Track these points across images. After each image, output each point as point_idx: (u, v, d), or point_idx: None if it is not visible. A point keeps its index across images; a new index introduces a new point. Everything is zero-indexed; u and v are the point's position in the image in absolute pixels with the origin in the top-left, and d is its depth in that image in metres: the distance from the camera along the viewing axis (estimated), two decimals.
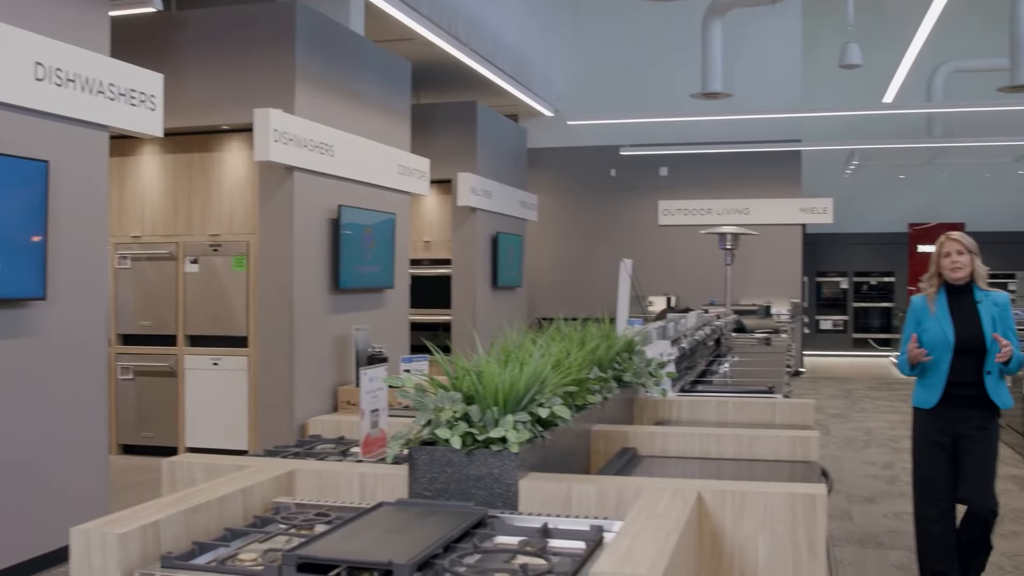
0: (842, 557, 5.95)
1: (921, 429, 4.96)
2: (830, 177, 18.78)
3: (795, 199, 16.07)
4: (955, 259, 4.74)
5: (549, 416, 2.78)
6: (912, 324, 4.88)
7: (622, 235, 16.20)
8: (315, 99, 7.40)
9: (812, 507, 2.55)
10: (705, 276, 15.33)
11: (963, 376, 4.70)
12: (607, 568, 1.94)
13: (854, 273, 20.30)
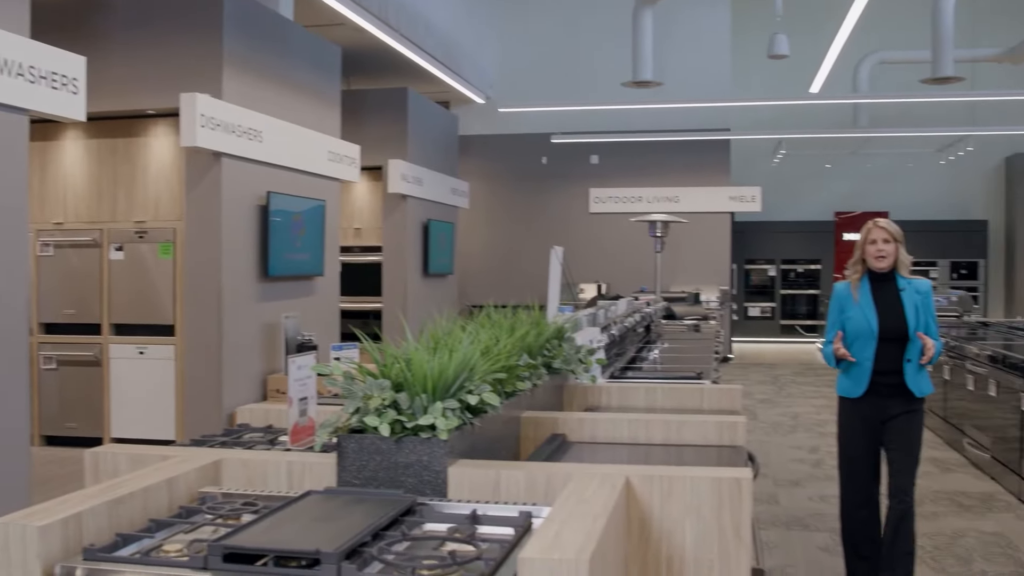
0: (768, 540, 6.05)
1: (847, 418, 4.98)
2: (758, 166, 19.04)
3: (724, 187, 16.25)
4: (881, 247, 4.75)
5: (478, 403, 2.78)
6: (836, 311, 4.89)
7: (553, 222, 16.25)
8: (243, 84, 7.30)
9: (738, 491, 2.58)
10: (635, 263, 15.44)
11: (887, 364, 4.73)
12: (535, 553, 1.95)
13: (781, 261, 20.59)
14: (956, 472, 7.89)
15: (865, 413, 4.84)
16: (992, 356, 7.85)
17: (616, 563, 2.38)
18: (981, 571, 5.45)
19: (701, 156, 16.09)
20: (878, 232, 4.78)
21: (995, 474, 7.63)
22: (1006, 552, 5.81)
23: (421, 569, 2.04)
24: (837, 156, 19.32)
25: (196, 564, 2.08)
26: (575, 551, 1.96)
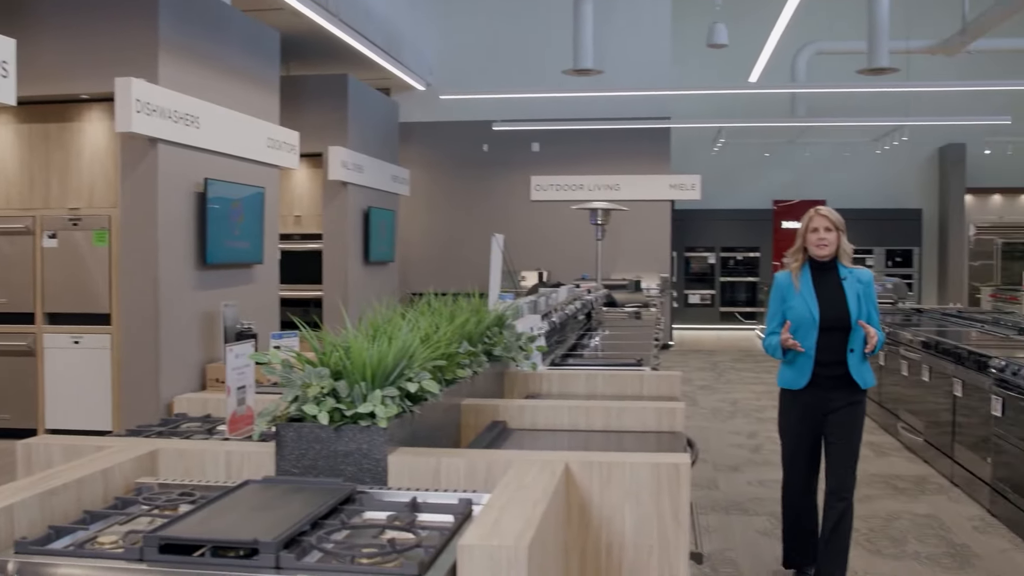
0: (708, 524, 6.11)
1: (789, 410, 4.87)
2: (698, 154, 19.21)
3: (664, 175, 16.35)
4: (822, 236, 4.67)
5: (418, 391, 2.77)
6: (777, 301, 4.80)
7: (494, 210, 16.25)
8: (180, 69, 7.19)
9: (676, 476, 2.60)
10: (577, 251, 15.50)
11: (829, 355, 4.64)
12: (474, 540, 1.95)
13: (721, 248, 20.80)
14: (891, 456, 8.03)
15: (807, 405, 4.73)
16: (925, 342, 8.00)
17: (556, 549, 2.39)
18: (915, 552, 5.56)
19: (641, 144, 16.18)
20: (819, 220, 4.71)
21: (928, 457, 7.78)
22: (938, 533, 5.93)
23: (360, 558, 2.03)
24: (775, 145, 19.55)
25: (131, 556, 2.05)
26: (514, 537, 1.96)
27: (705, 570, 5.24)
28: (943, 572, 5.22)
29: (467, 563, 1.93)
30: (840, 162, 19.75)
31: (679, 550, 2.62)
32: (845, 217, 4.87)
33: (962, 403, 7.01)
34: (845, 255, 4.74)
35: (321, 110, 11.33)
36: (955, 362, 7.16)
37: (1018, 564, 5.37)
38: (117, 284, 7.19)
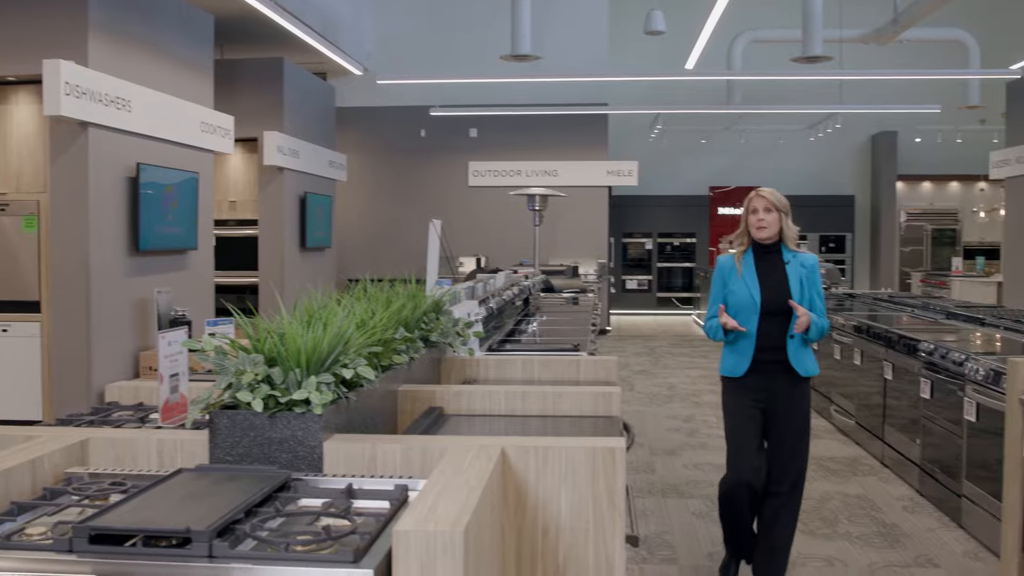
0: (645, 507, 6.17)
1: (731, 398, 4.67)
2: (635, 141, 19.32)
3: (602, 162, 16.42)
4: (762, 217, 4.52)
5: (353, 377, 2.76)
6: (719, 285, 4.64)
7: (432, 196, 16.21)
8: (111, 51, 7.06)
9: (612, 460, 2.62)
10: (514, 237, 15.53)
11: (770, 340, 4.50)
12: (410, 526, 1.95)
13: (658, 234, 20.96)
14: (824, 438, 8.16)
15: (749, 393, 4.56)
16: (857, 326, 8.13)
17: (492, 533, 2.40)
18: (846, 532, 5.66)
19: (579, 131, 16.23)
20: (759, 201, 4.56)
21: (860, 440, 7.93)
22: (869, 514, 6.05)
23: (295, 545, 2.02)
24: (712, 132, 19.73)
25: (61, 547, 2.02)
26: (450, 522, 1.96)
27: (642, 552, 5.29)
28: (873, 551, 5.33)
29: (402, 549, 1.92)
30: (775, 149, 20.00)
31: (615, 533, 2.64)
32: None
33: (893, 386, 7.15)
34: (789, 238, 4.59)
35: (256, 94, 11.20)
36: (886, 346, 7.29)
37: (945, 542, 5.50)
38: (47, 271, 7.05)
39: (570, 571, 2.65)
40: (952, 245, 19.81)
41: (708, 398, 10.21)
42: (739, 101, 15.78)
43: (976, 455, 5.54)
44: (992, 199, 19.14)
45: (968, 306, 9.09)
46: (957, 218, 20.06)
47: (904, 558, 5.24)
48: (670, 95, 17.90)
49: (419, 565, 1.92)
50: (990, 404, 5.27)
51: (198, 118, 8.34)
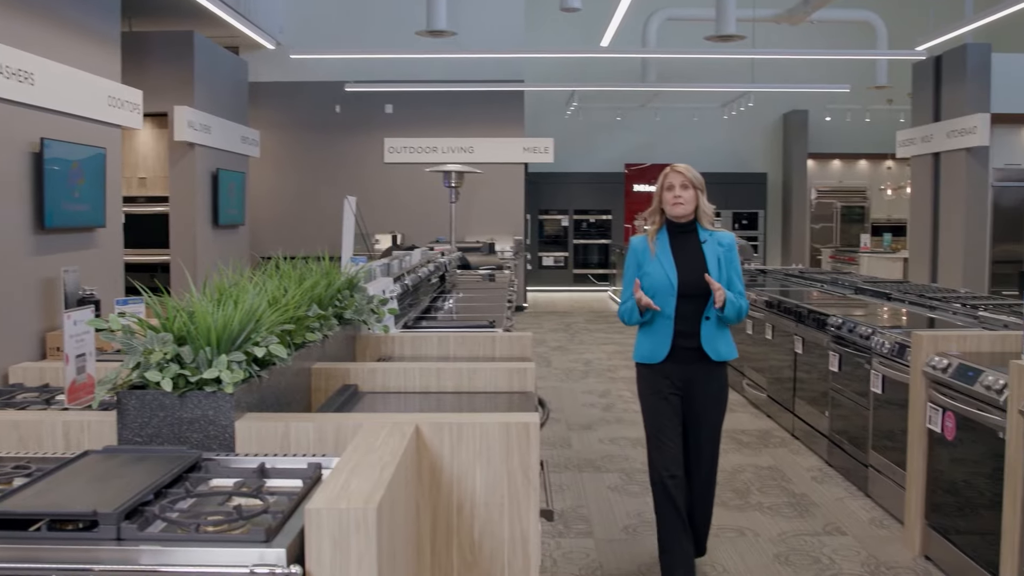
0: (561, 482, 6.22)
1: (648, 386, 4.45)
2: (551, 118, 19.37)
3: (518, 138, 16.44)
4: (678, 193, 4.31)
5: (265, 355, 2.73)
6: (633, 268, 4.41)
7: (348, 172, 16.08)
8: (10, 22, 6.83)
9: (526, 435, 2.63)
10: (431, 214, 15.50)
11: (688, 324, 4.31)
12: (322, 504, 1.94)
13: (574, 211, 21.07)
14: (736, 412, 8.30)
15: (667, 379, 4.36)
16: (769, 302, 8.27)
17: (407, 510, 2.39)
18: (757, 503, 5.77)
19: (495, 107, 16.21)
20: (675, 177, 4.34)
21: (771, 412, 8.08)
22: (780, 484, 6.17)
23: (206, 526, 1.99)
24: (627, 109, 19.85)
25: None
26: (363, 500, 1.95)
27: (558, 527, 5.33)
28: (784, 521, 5.44)
29: (315, 527, 1.91)
30: (690, 127, 20.21)
31: (529, 508, 2.65)
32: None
33: (803, 360, 7.29)
34: (705, 216, 4.39)
35: (166, 68, 10.96)
36: (796, 321, 7.43)
37: (852, 511, 5.64)
38: None
39: (485, 546, 2.66)
40: (861, 222, 20.24)
41: (623, 373, 10.31)
42: (654, 79, 15.91)
43: (882, 426, 5.69)
44: (899, 177, 19.59)
45: (875, 281, 9.30)
46: (865, 196, 20.50)
47: (813, 527, 5.36)
48: (586, 72, 17.99)
49: (332, 543, 1.91)
50: (895, 376, 5.41)
51: (105, 92, 8.13)
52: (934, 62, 13.38)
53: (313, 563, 1.91)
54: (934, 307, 6.81)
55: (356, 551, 1.91)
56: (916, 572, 4.71)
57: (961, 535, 4.54)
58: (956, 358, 4.61)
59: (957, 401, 4.50)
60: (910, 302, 7.28)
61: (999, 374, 4.18)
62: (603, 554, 4.95)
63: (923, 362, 4.84)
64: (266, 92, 15.77)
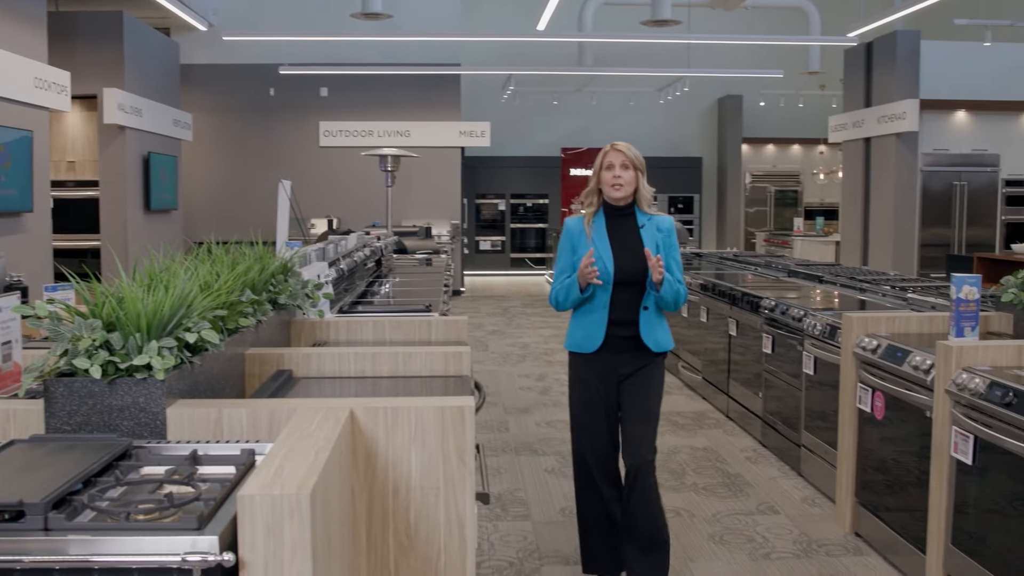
0: (498, 465, 6.24)
1: (579, 378, 4.23)
2: (488, 101, 19.33)
3: (454, 122, 16.40)
4: (618, 174, 4.08)
5: (197, 341, 2.69)
6: (567, 251, 4.21)
7: (283, 156, 15.92)
8: None
9: (461, 419, 2.63)
10: (367, 198, 15.41)
11: (624, 313, 4.09)
12: (255, 490, 1.92)
13: (511, 195, 21.07)
14: (672, 394, 8.38)
15: (600, 371, 4.15)
16: (704, 285, 8.35)
17: (342, 495, 2.38)
18: (693, 483, 5.84)
19: (432, 91, 16.15)
20: (615, 156, 4.11)
21: (706, 394, 8.17)
22: (715, 465, 6.25)
23: (137, 514, 1.96)
24: (564, 93, 19.88)
25: None
26: (296, 485, 1.93)
27: (496, 510, 5.35)
28: (718, 501, 5.51)
29: (247, 513, 1.89)
30: (626, 111, 20.29)
31: (465, 491, 2.66)
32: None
33: (737, 342, 7.38)
34: (644, 199, 4.17)
35: (94, 49, 10.76)
36: (731, 303, 7.51)
37: (785, 490, 5.73)
38: None
39: (421, 530, 2.66)
40: (794, 206, 20.51)
41: (560, 356, 10.35)
42: (590, 63, 15.94)
43: (814, 406, 5.78)
44: (831, 162, 19.86)
45: (808, 264, 9.44)
46: (799, 180, 20.77)
47: (747, 506, 5.44)
48: (522, 56, 17.95)
49: (265, 529, 1.89)
50: (826, 358, 5.50)
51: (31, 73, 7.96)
52: (865, 48, 13.58)
53: (246, 550, 1.89)
54: (864, 289, 6.93)
55: (290, 537, 1.89)
56: (847, 549, 4.80)
57: (890, 512, 4.63)
58: (885, 339, 4.69)
59: (886, 381, 4.59)
60: (841, 285, 7.39)
61: (926, 354, 4.27)
62: (540, 536, 4.97)
63: (853, 343, 4.92)
64: (199, 75, 15.54)
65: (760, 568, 4.56)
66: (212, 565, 1.84)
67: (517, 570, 4.53)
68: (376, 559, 2.67)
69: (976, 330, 4.13)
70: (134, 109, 11.11)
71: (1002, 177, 13.12)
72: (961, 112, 13.03)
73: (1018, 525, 3.57)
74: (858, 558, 4.69)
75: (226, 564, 1.84)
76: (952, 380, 3.91)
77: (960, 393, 3.83)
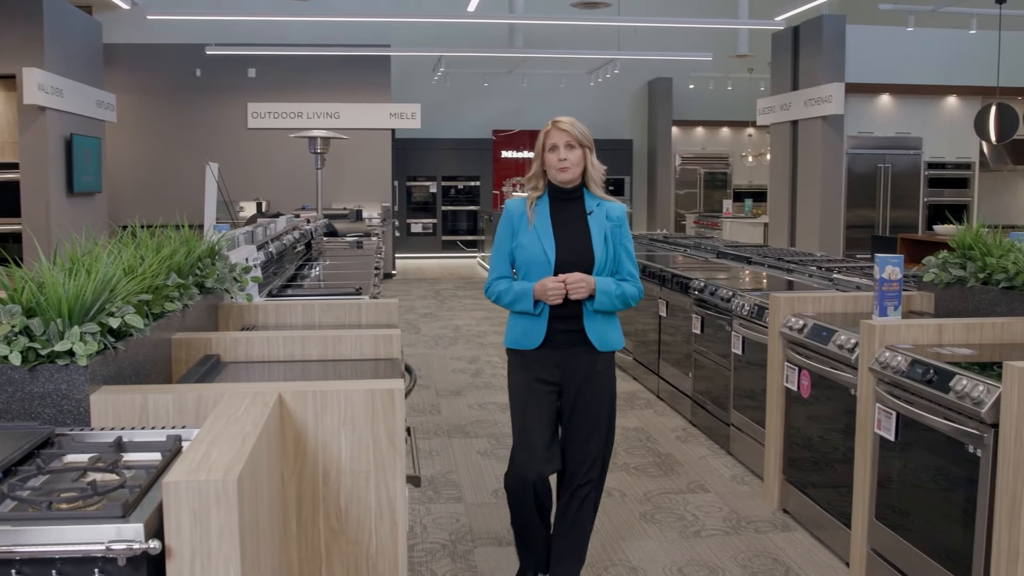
0: (431, 448, 6.23)
1: (520, 376, 3.84)
2: (418, 83, 19.20)
3: (385, 104, 16.30)
4: (563, 155, 3.69)
5: (121, 326, 2.65)
6: (506, 237, 3.81)
7: (210, 138, 15.70)
8: None
9: (391, 402, 2.62)
10: (297, 180, 15.27)
11: (567, 308, 3.71)
12: (180, 476, 1.89)
13: (442, 177, 20.99)
14: None
15: (542, 370, 3.76)
16: None
17: (270, 480, 2.36)
18: (624, 464, 5.89)
19: (362, 72, 16.02)
20: (559, 135, 3.70)
21: (637, 375, 8.24)
22: (646, 445, 6.31)
23: (59, 503, 1.92)
24: (495, 75, 19.83)
25: None
26: (223, 471, 1.91)
27: (428, 493, 5.35)
28: (650, 480, 5.57)
29: (173, 500, 1.86)
30: (557, 93, 20.29)
31: (396, 474, 2.65)
32: None
33: (667, 323, 7.44)
34: (594, 181, 3.79)
35: (13, 28, 10.49)
36: (660, 284, 7.57)
37: (715, 468, 5.80)
38: None
39: (352, 513, 2.65)
40: (723, 188, 20.72)
41: (492, 339, 10.37)
42: (521, 45, 15.91)
43: (742, 386, 5.86)
44: (759, 144, 20.09)
45: (737, 246, 9.55)
46: (728, 162, 20.97)
47: (677, 485, 5.50)
48: (453, 38, 17.87)
49: (191, 515, 1.86)
50: (754, 338, 5.57)
51: None
52: (792, 32, 13.74)
53: (173, 537, 1.87)
54: (792, 270, 7.03)
55: (217, 523, 1.87)
56: (774, 525, 4.88)
57: (816, 488, 4.72)
58: (811, 319, 4.77)
59: (812, 360, 4.66)
60: (769, 266, 7.49)
61: (851, 333, 4.35)
62: (473, 518, 4.98)
63: (780, 323, 4.99)
64: (122, 54, 15.24)
65: (690, 546, 4.61)
66: (137, 553, 1.81)
67: (450, 552, 4.54)
68: (307, 543, 2.65)
69: (899, 309, 4.21)
70: (55, 89, 10.86)
71: (924, 160, 13.38)
72: (885, 96, 13.25)
73: (938, 499, 3.66)
74: (785, 534, 4.77)
75: (152, 552, 1.82)
76: (875, 358, 3.98)
77: (883, 371, 3.90)
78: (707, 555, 4.50)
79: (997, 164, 13.81)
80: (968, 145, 13.33)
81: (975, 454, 3.38)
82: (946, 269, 4.66)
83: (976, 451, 3.38)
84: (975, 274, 4.49)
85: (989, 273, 4.41)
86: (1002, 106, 11.27)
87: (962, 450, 3.45)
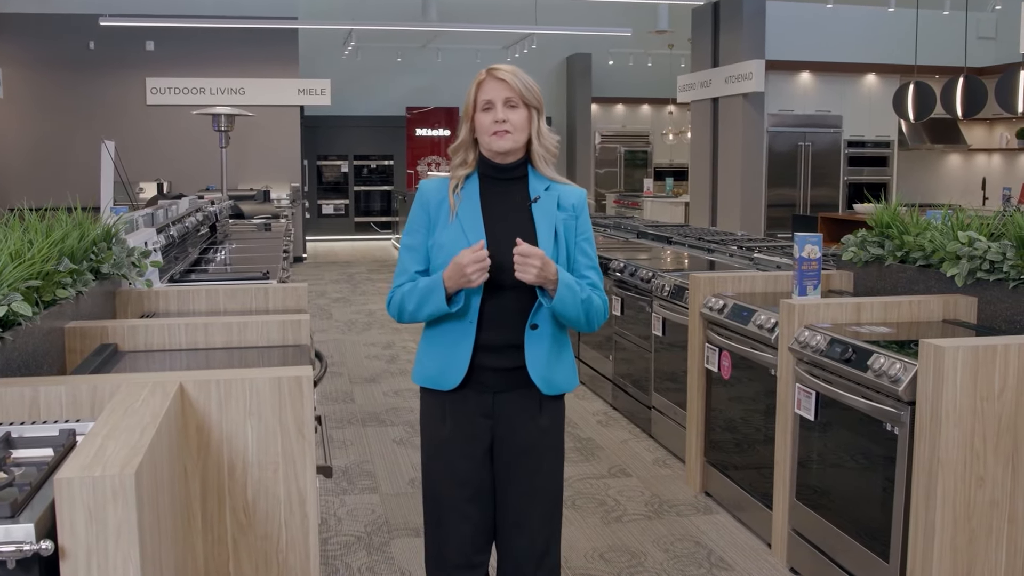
0: (345, 437, 6.09)
1: (433, 428, 2.80)
2: (328, 58, 18.82)
3: (293, 79, 16.01)
4: (501, 117, 2.66)
5: (8, 314, 2.49)
6: (420, 229, 2.76)
7: (105, 115, 15.20)
8: None
9: (299, 390, 2.51)
10: (200, 160, 14.89)
11: (501, 332, 2.68)
12: (74, 472, 1.77)
13: (354, 156, 20.68)
14: None
15: (464, 422, 2.74)
16: None
17: (172, 474, 2.24)
18: None
19: (268, 46, 15.68)
20: (495, 88, 2.69)
21: None
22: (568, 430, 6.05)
23: None
24: (408, 50, 19.54)
25: None
26: (119, 466, 1.80)
27: (343, 483, 5.22)
28: (571, 466, 5.49)
29: (66, 498, 1.75)
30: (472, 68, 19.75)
31: (305, 465, 2.55)
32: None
33: None
34: (542, 156, 2.75)
35: None
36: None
37: (636, 452, 5.77)
38: None
39: (260, 506, 2.54)
40: (644, 167, 20.72)
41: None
42: (435, 18, 15.70)
43: (663, 368, 5.82)
44: (680, 122, 20.13)
45: (657, 225, 9.54)
46: (648, 141, 20.97)
47: (599, 470, 5.45)
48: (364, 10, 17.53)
49: (86, 513, 1.75)
50: (675, 319, 5.53)
51: None
52: (712, 8, 13.77)
53: (66, 537, 1.76)
54: (712, 250, 7.02)
55: (114, 521, 1.76)
56: (697, 508, 4.85)
57: (738, 470, 4.69)
58: (731, 299, 4.73)
59: (732, 341, 4.63)
60: (690, 246, 7.48)
61: (771, 313, 4.32)
62: (389, 508, 4.86)
63: (700, 304, 4.95)
64: (10, 25, 14.66)
65: (612, 531, 4.56)
66: (28, 555, 1.71)
67: (366, 544, 4.42)
68: (213, 539, 2.54)
69: (818, 288, 4.20)
70: None
71: (844, 138, 13.55)
72: (806, 73, 13.37)
73: (857, 478, 3.65)
74: (708, 517, 4.74)
75: (44, 553, 1.72)
76: (795, 338, 3.95)
77: (802, 351, 3.88)
78: (629, 540, 4.46)
79: (915, 143, 14.06)
80: (887, 124, 13.52)
81: (893, 432, 3.38)
82: (864, 248, 4.66)
83: (894, 429, 3.37)
84: (893, 252, 4.49)
85: (906, 252, 4.41)
86: (920, 84, 11.43)
87: (880, 428, 3.45)
